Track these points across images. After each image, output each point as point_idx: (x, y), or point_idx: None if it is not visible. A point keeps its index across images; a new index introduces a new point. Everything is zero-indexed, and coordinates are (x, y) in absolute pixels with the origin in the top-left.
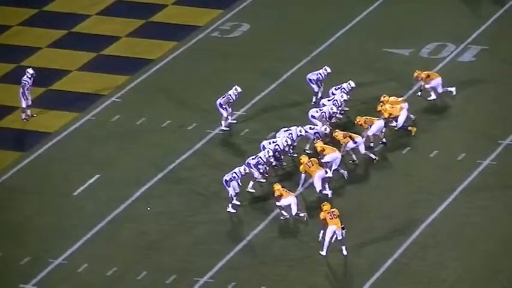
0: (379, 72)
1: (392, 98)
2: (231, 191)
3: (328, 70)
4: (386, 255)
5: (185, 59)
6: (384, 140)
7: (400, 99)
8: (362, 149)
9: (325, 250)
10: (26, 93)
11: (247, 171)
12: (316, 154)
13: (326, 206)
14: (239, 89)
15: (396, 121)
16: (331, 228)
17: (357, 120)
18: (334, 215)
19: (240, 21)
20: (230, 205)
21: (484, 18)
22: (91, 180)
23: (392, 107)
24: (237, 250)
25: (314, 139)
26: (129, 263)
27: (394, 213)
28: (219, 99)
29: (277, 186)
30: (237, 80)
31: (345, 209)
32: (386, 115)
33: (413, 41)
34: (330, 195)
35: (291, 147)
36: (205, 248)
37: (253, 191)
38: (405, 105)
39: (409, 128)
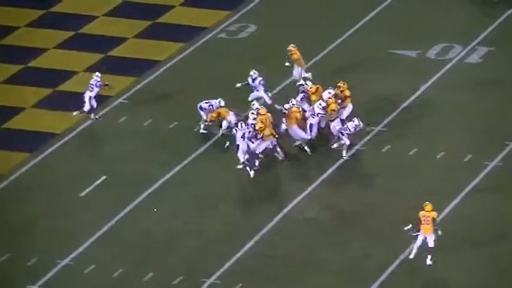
0: (385, 73)
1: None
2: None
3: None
4: (394, 256)
5: (192, 60)
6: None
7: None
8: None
9: (413, 254)
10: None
11: None
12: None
13: (428, 207)
14: (222, 103)
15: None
16: (421, 237)
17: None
18: (427, 220)
19: (247, 22)
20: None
21: (491, 19)
22: (98, 182)
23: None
24: (244, 251)
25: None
26: (136, 264)
27: (400, 214)
28: (201, 103)
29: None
30: (243, 81)
31: (351, 211)
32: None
33: (420, 42)
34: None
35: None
36: (212, 249)
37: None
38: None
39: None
